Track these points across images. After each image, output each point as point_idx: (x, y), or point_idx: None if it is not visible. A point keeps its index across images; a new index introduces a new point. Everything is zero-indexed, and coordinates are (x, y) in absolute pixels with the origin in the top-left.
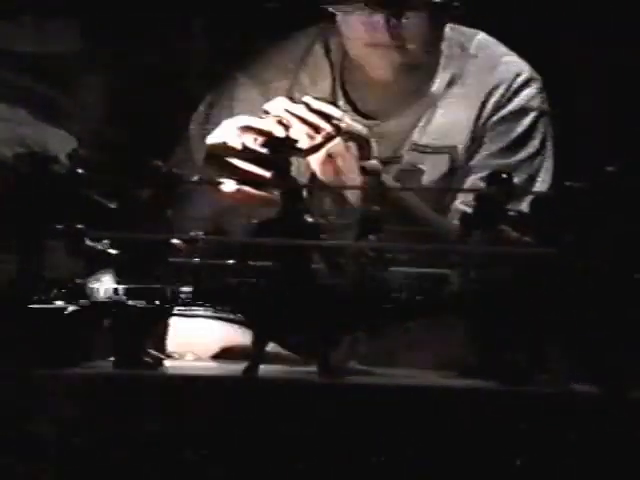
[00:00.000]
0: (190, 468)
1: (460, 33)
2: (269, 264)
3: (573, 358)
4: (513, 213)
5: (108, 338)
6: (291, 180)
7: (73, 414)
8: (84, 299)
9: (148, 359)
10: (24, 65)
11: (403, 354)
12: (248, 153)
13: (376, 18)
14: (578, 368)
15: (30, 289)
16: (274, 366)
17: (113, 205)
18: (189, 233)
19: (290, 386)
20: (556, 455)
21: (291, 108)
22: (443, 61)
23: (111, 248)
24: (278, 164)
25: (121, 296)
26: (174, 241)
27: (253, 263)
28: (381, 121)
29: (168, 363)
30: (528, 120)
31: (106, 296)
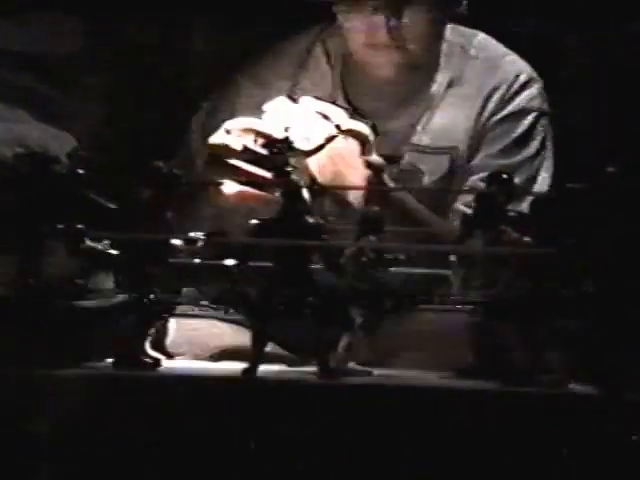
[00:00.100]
0: (190, 468)
1: (460, 33)
2: (269, 264)
3: (573, 358)
4: (513, 214)
5: (108, 338)
6: (291, 180)
7: (73, 414)
8: (84, 299)
9: (148, 359)
10: (24, 65)
11: (403, 354)
12: (249, 154)
13: (376, 18)
14: (578, 368)
15: (30, 289)
16: (274, 366)
17: (113, 205)
18: (189, 233)
19: (290, 386)
20: (556, 455)
21: (291, 108)
22: (443, 61)
23: (111, 248)
24: (278, 165)
25: (121, 296)
26: (174, 241)
27: (253, 263)
28: (381, 121)
29: (168, 363)
30: (528, 121)
31: (106, 296)
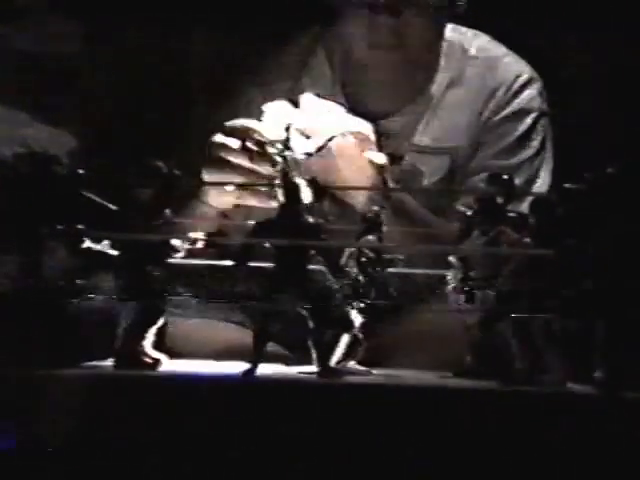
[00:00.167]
0: (190, 468)
1: (460, 34)
2: (269, 264)
3: (573, 358)
4: (513, 214)
5: (108, 338)
6: (291, 180)
7: (73, 414)
8: (84, 299)
9: (148, 359)
10: (24, 65)
11: (403, 354)
12: (249, 154)
13: (377, 18)
14: (578, 368)
15: (30, 289)
16: (274, 366)
17: (113, 206)
18: (188, 234)
19: (290, 386)
20: (556, 455)
21: (290, 113)
22: (443, 62)
23: (111, 249)
24: (278, 165)
25: (121, 296)
26: (174, 242)
27: (253, 264)
28: (381, 122)
29: (168, 363)
30: (528, 121)
31: (106, 296)
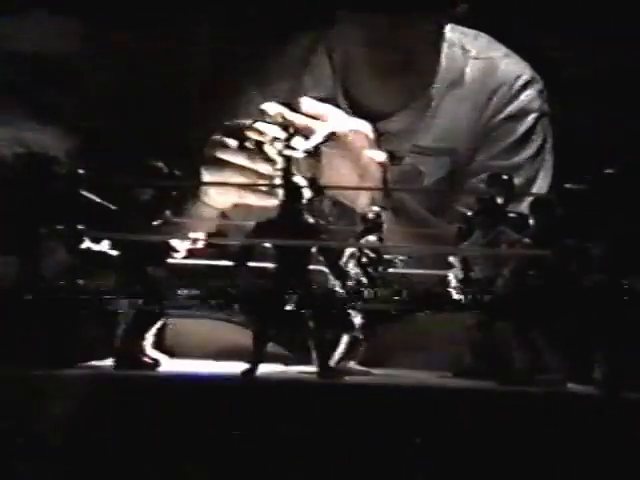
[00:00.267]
0: (190, 468)
1: (461, 34)
2: (269, 264)
3: (573, 358)
4: (513, 214)
5: (108, 338)
6: (291, 180)
7: (73, 414)
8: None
9: (148, 359)
10: (24, 65)
11: (403, 354)
12: (248, 154)
13: (377, 18)
14: (578, 368)
15: (29, 289)
16: (274, 366)
17: (113, 206)
18: (188, 234)
19: (290, 386)
20: (556, 455)
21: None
22: (444, 62)
23: (111, 249)
24: (277, 164)
25: (121, 296)
26: (174, 242)
27: (253, 264)
28: (381, 122)
29: (167, 363)
30: (529, 121)
31: (106, 297)
